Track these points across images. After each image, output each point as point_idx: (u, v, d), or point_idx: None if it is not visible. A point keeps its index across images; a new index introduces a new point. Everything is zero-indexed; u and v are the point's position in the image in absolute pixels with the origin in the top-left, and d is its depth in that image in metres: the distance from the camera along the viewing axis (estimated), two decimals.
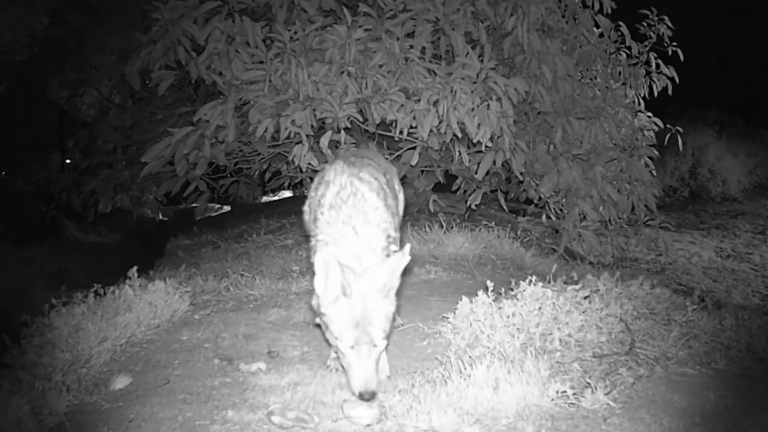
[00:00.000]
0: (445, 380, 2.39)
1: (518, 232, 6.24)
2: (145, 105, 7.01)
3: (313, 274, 2.34)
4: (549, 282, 3.02)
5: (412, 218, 6.27)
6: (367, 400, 2.21)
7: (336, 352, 2.40)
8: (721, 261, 7.90)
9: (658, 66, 6.54)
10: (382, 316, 2.26)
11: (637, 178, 6.18)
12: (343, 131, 4.80)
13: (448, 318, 2.97)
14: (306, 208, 2.86)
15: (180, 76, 5.38)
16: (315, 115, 4.71)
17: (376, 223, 2.51)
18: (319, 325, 2.42)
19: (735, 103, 13.85)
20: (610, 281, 3.27)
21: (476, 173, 5.33)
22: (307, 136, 4.69)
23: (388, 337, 2.32)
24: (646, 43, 6.53)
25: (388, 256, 2.46)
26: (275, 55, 4.69)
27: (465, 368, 2.41)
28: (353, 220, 2.47)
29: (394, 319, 2.45)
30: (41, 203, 10.27)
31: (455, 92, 4.67)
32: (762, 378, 2.63)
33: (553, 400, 2.28)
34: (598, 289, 3.18)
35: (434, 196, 6.10)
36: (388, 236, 2.54)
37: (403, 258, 2.29)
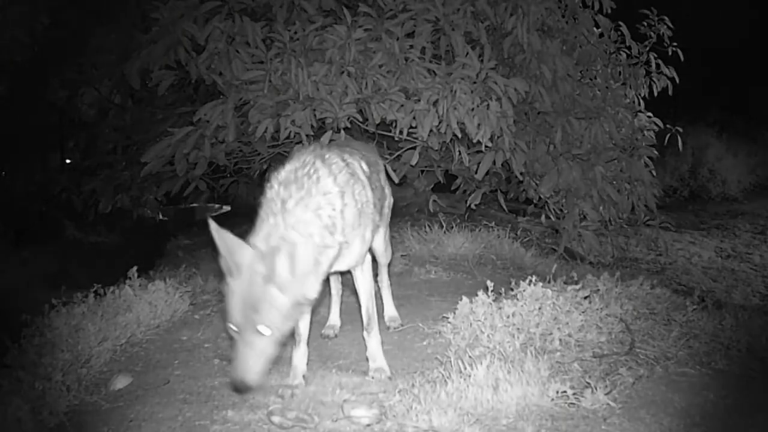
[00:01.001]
0: (445, 380, 2.39)
1: (518, 232, 6.24)
2: (145, 105, 7.00)
3: None
4: (549, 282, 3.02)
5: (412, 218, 6.27)
6: (240, 392, 2.12)
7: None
8: (721, 261, 7.89)
9: (658, 66, 6.54)
10: (268, 305, 2.09)
11: (637, 178, 6.18)
12: (343, 131, 4.80)
13: (448, 318, 2.97)
14: None
15: (180, 76, 5.37)
16: (315, 115, 4.71)
17: (314, 208, 2.28)
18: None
19: (735, 103, 13.86)
20: (610, 281, 3.27)
21: (476, 173, 5.33)
22: (307, 136, 4.69)
23: (283, 331, 2.16)
24: (646, 43, 6.52)
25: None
26: (275, 55, 4.69)
27: (465, 368, 2.41)
28: (289, 203, 2.24)
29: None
30: (41, 203, 10.25)
31: (455, 92, 4.66)
32: (762, 378, 2.63)
33: (553, 400, 2.28)
34: (598, 289, 3.19)
35: (434, 196, 6.10)
36: (329, 225, 2.30)
37: (298, 246, 2.09)
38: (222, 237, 2.11)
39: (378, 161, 3.14)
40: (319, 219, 2.28)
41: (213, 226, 2.12)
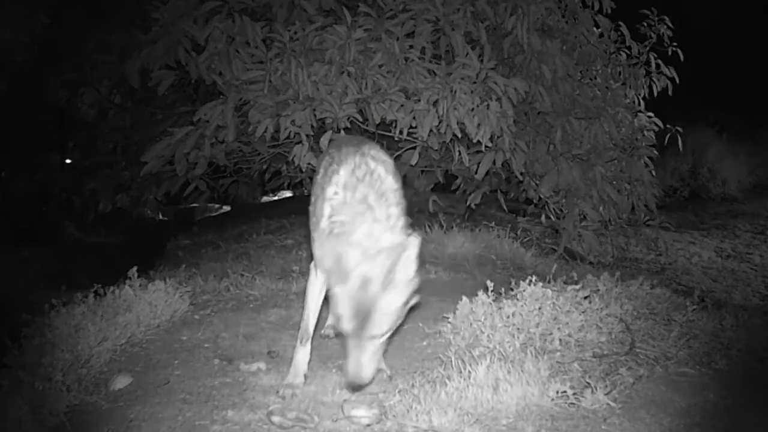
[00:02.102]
0: (445, 380, 2.39)
1: (518, 232, 6.24)
2: (145, 105, 7.00)
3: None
4: (549, 282, 3.02)
5: (412, 218, 6.26)
6: (355, 390, 2.18)
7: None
8: (721, 261, 7.89)
9: (658, 66, 6.54)
10: (386, 310, 2.11)
11: (637, 178, 6.19)
12: (343, 131, 4.80)
13: (448, 318, 2.97)
14: (312, 198, 2.59)
15: (180, 76, 5.37)
16: (315, 115, 4.71)
17: (395, 202, 2.35)
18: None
19: (735, 103, 13.85)
20: (610, 281, 3.28)
21: (476, 173, 5.33)
22: (307, 136, 4.69)
23: (391, 330, 2.20)
24: (646, 43, 6.52)
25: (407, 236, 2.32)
26: (275, 55, 4.69)
27: (465, 368, 2.41)
28: (370, 198, 2.30)
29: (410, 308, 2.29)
30: (41, 203, 10.26)
31: (455, 92, 4.67)
32: (762, 378, 2.63)
33: (553, 400, 2.28)
34: (598, 289, 3.19)
35: (434, 196, 6.10)
36: (406, 219, 2.40)
37: (412, 248, 2.14)
38: (332, 245, 2.13)
39: None
40: (402, 213, 2.36)
41: (320, 238, 2.16)
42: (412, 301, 2.30)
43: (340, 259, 2.09)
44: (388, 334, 2.20)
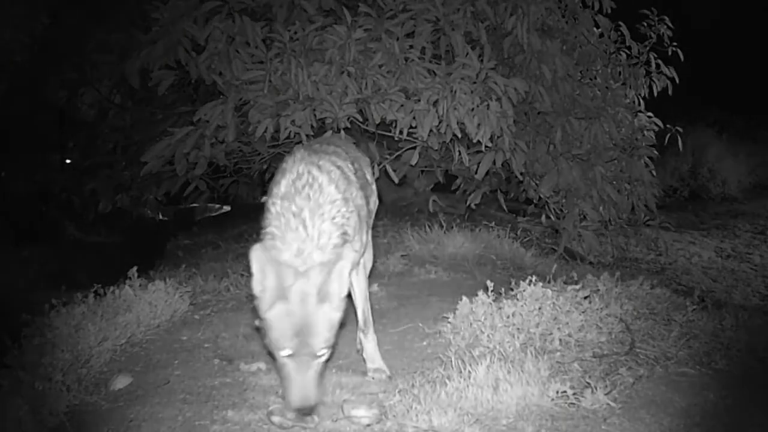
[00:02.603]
0: (445, 380, 2.39)
1: (518, 232, 6.24)
2: (145, 105, 7.00)
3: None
4: (549, 282, 3.02)
5: (412, 218, 6.28)
6: (305, 415, 2.10)
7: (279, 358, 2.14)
8: (721, 261, 7.89)
9: (658, 66, 6.54)
10: (325, 324, 2.08)
11: (637, 178, 6.19)
12: (343, 131, 4.80)
13: (448, 318, 2.97)
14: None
15: (180, 76, 5.37)
16: (315, 115, 4.71)
17: (330, 217, 2.27)
18: (259, 329, 2.23)
19: (735, 103, 13.85)
20: (610, 281, 3.28)
21: (476, 173, 5.33)
22: (307, 136, 4.69)
23: (332, 346, 2.15)
24: (646, 43, 6.52)
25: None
26: (275, 55, 4.69)
27: (465, 368, 2.41)
28: (304, 213, 2.24)
29: (340, 327, 2.22)
30: (41, 203, 10.26)
31: (455, 92, 4.67)
32: (762, 378, 2.63)
33: (553, 400, 2.28)
34: (598, 289, 3.19)
35: (434, 196, 6.10)
36: (344, 233, 2.30)
37: (344, 260, 2.11)
38: (264, 262, 2.07)
39: (361, 156, 3.10)
40: (338, 228, 2.28)
41: (257, 252, 2.08)
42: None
43: (278, 276, 2.06)
44: (328, 353, 2.14)
